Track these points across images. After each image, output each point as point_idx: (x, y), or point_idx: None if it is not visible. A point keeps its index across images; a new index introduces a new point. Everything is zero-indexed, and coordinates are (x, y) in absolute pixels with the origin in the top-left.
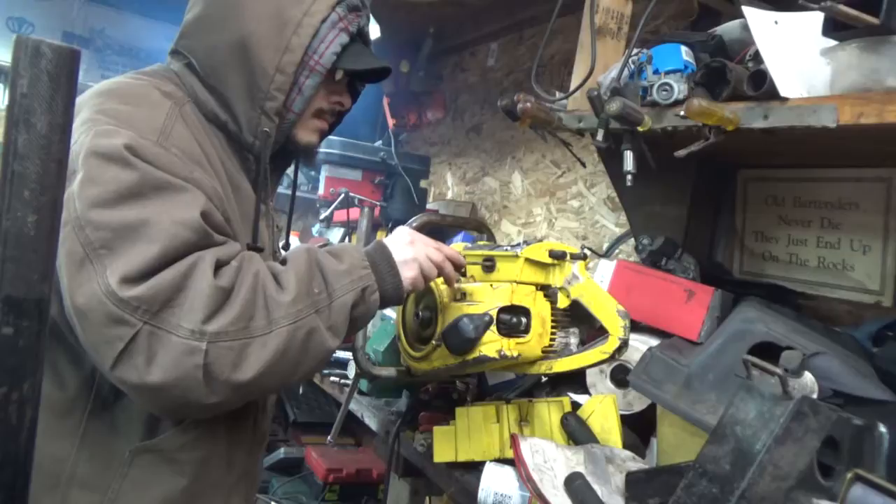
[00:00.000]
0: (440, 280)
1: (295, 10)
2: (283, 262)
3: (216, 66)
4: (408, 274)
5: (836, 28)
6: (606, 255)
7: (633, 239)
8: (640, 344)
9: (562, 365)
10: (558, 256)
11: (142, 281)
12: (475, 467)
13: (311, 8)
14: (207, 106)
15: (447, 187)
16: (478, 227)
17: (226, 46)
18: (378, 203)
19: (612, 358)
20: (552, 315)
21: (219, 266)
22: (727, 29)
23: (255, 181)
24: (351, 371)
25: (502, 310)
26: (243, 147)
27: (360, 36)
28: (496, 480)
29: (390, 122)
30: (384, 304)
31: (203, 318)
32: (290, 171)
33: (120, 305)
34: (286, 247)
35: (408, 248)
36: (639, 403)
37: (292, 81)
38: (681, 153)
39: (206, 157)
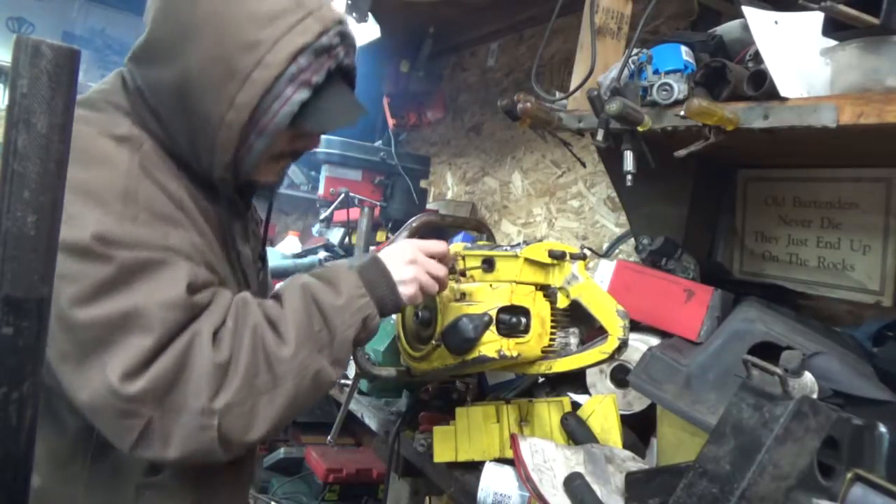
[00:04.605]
0: None
1: (245, 59)
2: (276, 296)
3: (161, 105)
4: (407, 292)
5: (836, 28)
6: (606, 255)
7: (633, 239)
8: (640, 344)
9: (561, 365)
10: (558, 256)
11: (142, 372)
12: (475, 467)
13: (266, 58)
14: (163, 141)
15: (447, 187)
16: (478, 227)
17: (168, 86)
18: (378, 203)
19: (611, 358)
20: (552, 315)
21: (214, 329)
22: (727, 29)
23: (221, 219)
24: (351, 371)
25: (502, 310)
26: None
27: (341, 69)
28: (496, 480)
29: (390, 122)
30: (383, 318)
31: (209, 396)
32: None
33: (126, 402)
34: (263, 254)
35: (408, 267)
36: (639, 403)
37: (239, 140)
38: (681, 153)
39: (177, 206)
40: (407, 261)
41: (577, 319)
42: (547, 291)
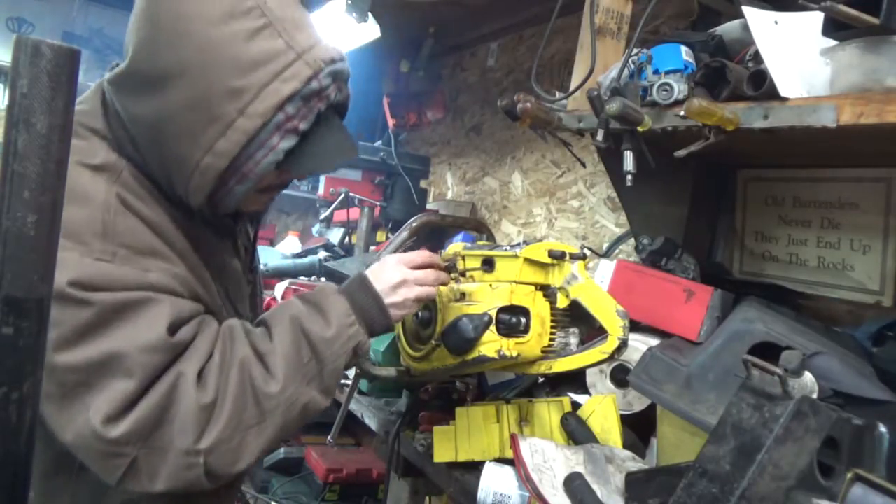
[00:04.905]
0: None
1: (228, 106)
2: (264, 324)
3: (139, 135)
4: (398, 313)
5: (836, 28)
6: (606, 255)
7: (633, 239)
8: (640, 344)
9: (561, 365)
10: (557, 256)
11: (125, 416)
12: (475, 467)
13: (250, 107)
14: (142, 166)
15: (447, 187)
16: (478, 227)
17: (145, 120)
18: (378, 203)
19: (611, 358)
20: (552, 315)
21: (200, 367)
22: (727, 29)
23: (203, 241)
24: (351, 371)
25: (502, 310)
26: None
27: (333, 105)
28: (496, 480)
29: (390, 122)
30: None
31: (194, 438)
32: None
33: (110, 445)
34: (254, 266)
35: (399, 291)
36: (639, 403)
37: (216, 184)
38: (681, 153)
39: (158, 235)
40: (395, 283)
41: (577, 319)
42: (547, 291)
